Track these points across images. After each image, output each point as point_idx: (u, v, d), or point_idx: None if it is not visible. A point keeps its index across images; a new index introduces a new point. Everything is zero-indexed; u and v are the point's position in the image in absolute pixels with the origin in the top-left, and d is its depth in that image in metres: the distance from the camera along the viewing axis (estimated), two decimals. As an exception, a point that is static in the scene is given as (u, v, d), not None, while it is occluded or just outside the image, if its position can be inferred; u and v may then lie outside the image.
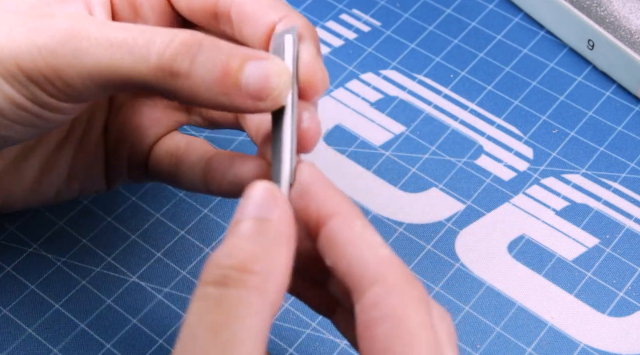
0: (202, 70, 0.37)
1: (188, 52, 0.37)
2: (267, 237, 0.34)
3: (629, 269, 0.49)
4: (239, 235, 0.34)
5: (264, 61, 0.37)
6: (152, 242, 0.50)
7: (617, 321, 0.48)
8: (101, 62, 0.38)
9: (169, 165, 0.44)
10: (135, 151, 0.45)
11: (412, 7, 0.60)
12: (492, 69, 0.57)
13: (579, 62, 0.58)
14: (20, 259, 0.50)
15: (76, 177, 0.46)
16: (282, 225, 0.34)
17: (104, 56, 0.38)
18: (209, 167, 0.42)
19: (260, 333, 0.32)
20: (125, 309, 0.48)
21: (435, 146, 0.54)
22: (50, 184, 0.46)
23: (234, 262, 0.33)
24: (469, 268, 0.50)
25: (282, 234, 0.34)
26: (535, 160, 0.53)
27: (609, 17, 0.55)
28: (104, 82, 0.38)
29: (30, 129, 0.41)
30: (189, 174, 0.43)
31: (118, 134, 0.46)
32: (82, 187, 0.47)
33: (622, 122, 0.55)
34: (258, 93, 0.37)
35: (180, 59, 0.37)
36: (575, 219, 0.51)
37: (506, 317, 0.48)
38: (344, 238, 0.35)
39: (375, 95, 0.56)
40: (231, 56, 0.37)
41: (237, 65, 0.37)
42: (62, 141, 0.45)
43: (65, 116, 0.41)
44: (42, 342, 0.47)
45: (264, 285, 0.33)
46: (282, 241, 0.34)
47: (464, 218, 0.51)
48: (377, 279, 0.34)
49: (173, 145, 0.45)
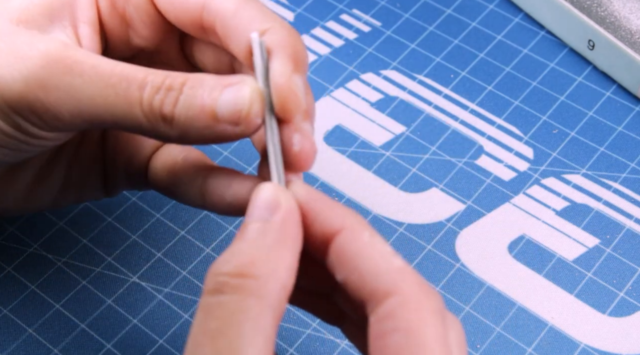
0: (184, 111, 0.37)
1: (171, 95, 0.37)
2: (268, 239, 0.34)
3: (629, 269, 0.49)
4: (242, 238, 0.34)
5: (235, 86, 0.37)
6: (152, 242, 0.50)
7: (617, 321, 0.48)
8: (95, 101, 0.37)
9: (166, 180, 0.43)
10: (132, 162, 0.45)
11: (412, 7, 0.60)
12: (492, 69, 0.57)
13: (579, 62, 0.58)
14: (20, 259, 0.50)
15: (71, 186, 0.45)
16: (284, 225, 0.34)
17: (98, 96, 0.37)
18: (206, 186, 0.41)
19: (261, 337, 0.32)
20: (125, 309, 0.48)
21: (435, 146, 0.54)
22: (44, 192, 0.45)
23: (230, 268, 0.33)
24: (469, 268, 0.50)
25: (285, 235, 0.34)
26: (535, 160, 0.53)
27: (609, 17, 0.55)
28: (94, 119, 0.38)
29: (18, 152, 0.40)
30: (186, 191, 0.42)
31: (114, 144, 0.45)
32: (77, 196, 0.46)
33: (622, 122, 0.55)
34: (231, 118, 0.37)
35: (167, 101, 0.37)
36: (575, 219, 0.51)
37: (506, 317, 0.48)
38: (353, 250, 0.34)
39: (375, 95, 0.56)
40: (212, 89, 0.37)
41: (216, 96, 0.37)
42: (57, 151, 0.45)
43: (52, 142, 0.40)
44: (42, 342, 0.47)
45: (263, 289, 0.33)
46: (284, 242, 0.34)
47: (464, 218, 0.51)
48: (392, 290, 0.33)
49: (169, 159, 0.44)
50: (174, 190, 0.43)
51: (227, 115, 0.37)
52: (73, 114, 0.38)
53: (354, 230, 0.35)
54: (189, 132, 0.37)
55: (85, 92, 0.37)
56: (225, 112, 0.37)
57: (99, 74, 0.37)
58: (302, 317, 0.48)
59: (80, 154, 0.45)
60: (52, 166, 0.45)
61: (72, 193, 0.46)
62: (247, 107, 0.37)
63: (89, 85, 0.37)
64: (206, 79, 0.37)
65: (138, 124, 0.38)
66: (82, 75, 0.37)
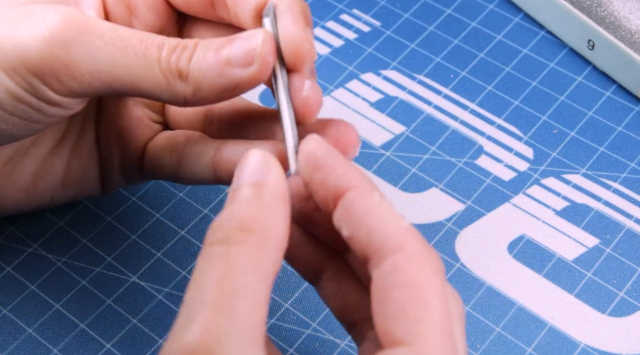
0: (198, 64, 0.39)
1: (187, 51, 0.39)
2: (264, 199, 0.36)
3: (629, 269, 0.49)
4: (238, 200, 0.36)
5: (246, 34, 0.39)
6: (152, 242, 0.50)
7: (617, 321, 0.48)
8: (115, 61, 0.39)
9: (170, 161, 0.45)
10: (126, 151, 0.45)
11: (412, 7, 0.60)
12: (492, 69, 0.57)
13: (579, 62, 0.58)
14: (20, 259, 0.50)
15: (70, 181, 0.46)
16: (277, 187, 0.36)
17: (118, 57, 0.39)
18: (221, 155, 0.43)
19: (263, 284, 0.34)
20: (125, 309, 0.48)
21: (435, 146, 0.54)
22: (45, 187, 0.45)
23: (234, 224, 0.35)
24: (469, 268, 0.50)
25: (278, 196, 0.36)
26: (535, 160, 0.53)
27: (609, 17, 0.55)
28: (112, 81, 0.39)
29: (27, 123, 0.41)
30: (194, 167, 0.44)
31: (107, 135, 0.46)
32: (76, 190, 0.47)
33: (622, 122, 0.55)
34: (244, 59, 0.39)
35: (182, 58, 0.39)
36: (575, 219, 0.51)
37: (506, 317, 0.48)
38: (363, 208, 0.36)
39: (375, 95, 0.56)
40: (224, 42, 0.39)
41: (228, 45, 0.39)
42: (57, 144, 0.45)
43: (63, 110, 0.41)
44: (42, 342, 0.47)
45: (264, 242, 0.35)
46: (278, 202, 0.36)
47: (464, 218, 0.51)
48: (398, 247, 0.35)
49: (170, 140, 0.45)
50: (179, 169, 0.44)
51: (240, 56, 0.39)
52: (92, 75, 0.39)
53: (365, 189, 0.36)
54: (202, 85, 0.39)
55: (105, 52, 0.39)
56: (238, 53, 0.39)
57: (120, 35, 0.39)
58: (302, 317, 0.48)
59: (79, 146, 0.46)
60: (53, 159, 0.45)
61: (71, 189, 0.46)
62: (260, 45, 0.38)
63: (109, 45, 0.39)
64: (217, 39, 0.40)
65: (156, 83, 0.39)
66: (103, 37, 0.39)
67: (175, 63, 0.39)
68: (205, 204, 0.52)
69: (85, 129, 0.46)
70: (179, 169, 0.44)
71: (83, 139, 0.46)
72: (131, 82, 0.39)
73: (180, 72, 0.39)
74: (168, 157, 0.45)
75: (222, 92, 0.39)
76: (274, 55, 0.39)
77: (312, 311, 0.48)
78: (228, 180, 0.43)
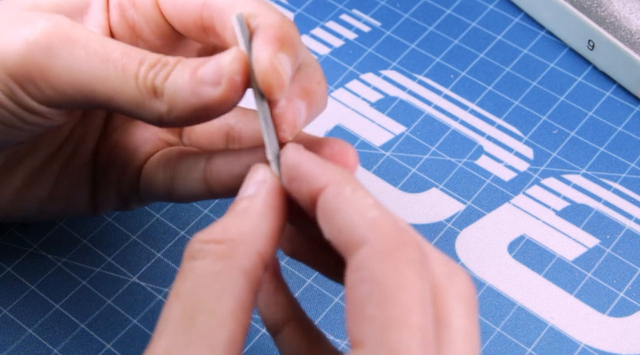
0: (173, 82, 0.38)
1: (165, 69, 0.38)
2: (251, 211, 0.35)
3: (629, 269, 0.49)
4: (229, 214, 0.36)
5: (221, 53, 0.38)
6: (152, 242, 0.50)
7: (617, 321, 0.48)
8: (94, 74, 0.38)
9: (164, 179, 0.44)
10: (125, 172, 0.45)
11: (412, 7, 0.60)
12: (492, 69, 0.57)
13: (579, 62, 0.58)
14: (20, 259, 0.50)
15: (59, 197, 0.45)
16: (266, 198, 0.36)
17: (97, 69, 0.38)
18: (211, 166, 0.42)
19: (231, 299, 0.33)
20: (125, 309, 0.48)
21: (435, 146, 0.54)
22: (32, 199, 0.45)
23: (203, 236, 0.35)
24: (469, 268, 0.50)
25: (266, 207, 0.35)
26: (535, 160, 0.53)
27: (609, 17, 0.55)
28: (90, 93, 0.38)
29: (9, 129, 0.40)
30: (187, 181, 0.43)
31: (109, 155, 0.45)
32: (65, 206, 0.46)
33: (622, 122, 0.55)
34: (214, 77, 0.37)
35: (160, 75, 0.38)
36: (575, 219, 0.51)
37: (506, 317, 0.48)
38: (333, 206, 0.34)
39: (375, 95, 0.56)
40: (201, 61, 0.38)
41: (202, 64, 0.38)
42: (48, 158, 0.45)
43: (44, 120, 0.40)
44: (42, 342, 0.47)
45: (232, 251, 0.34)
46: (265, 213, 0.35)
47: (464, 218, 0.51)
48: (361, 242, 0.33)
49: (164, 157, 0.44)
50: (173, 187, 0.43)
51: (210, 75, 0.37)
52: (70, 84, 0.38)
53: (336, 185, 0.35)
54: (176, 104, 0.38)
55: (86, 64, 0.38)
56: (208, 72, 0.37)
57: (104, 47, 0.39)
58: (302, 317, 0.48)
59: (71, 164, 0.45)
60: (43, 172, 0.45)
61: (58, 204, 0.46)
62: (228, 64, 0.37)
63: (91, 56, 0.38)
64: (198, 58, 0.39)
65: (132, 99, 0.38)
66: (87, 48, 0.38)
67: (152, 79, 0.38)
68: (205, 204, 0.52)
69: (81, 148, 0.45)
70: (172, 186, 0.43)
71: (76, 157, 0.45)
72: (108, 96, 0.38)
73: (155, 89, 0.38)
74: (162, 174, 0.44)
75: (194, 112, 0.38)
76: (243, 74, 0.37)
77: (312, 311, 0.48)
78: (220, 192, 0.42)
